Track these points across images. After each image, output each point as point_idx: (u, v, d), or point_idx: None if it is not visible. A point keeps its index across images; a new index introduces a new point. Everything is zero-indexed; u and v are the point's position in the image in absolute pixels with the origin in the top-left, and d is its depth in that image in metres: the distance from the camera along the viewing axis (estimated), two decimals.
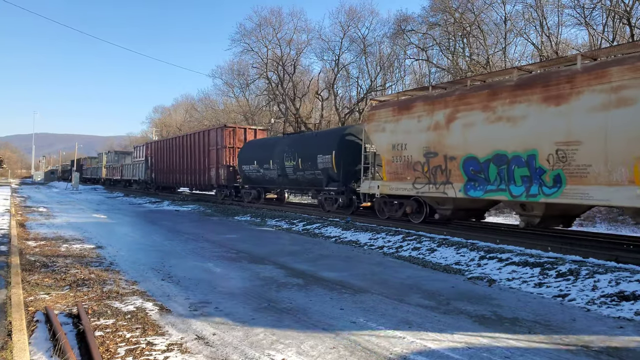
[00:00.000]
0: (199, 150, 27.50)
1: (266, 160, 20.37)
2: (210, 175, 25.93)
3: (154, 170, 36.23)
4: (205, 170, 26.59)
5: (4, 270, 7.29)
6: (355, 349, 4.53)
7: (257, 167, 21.14)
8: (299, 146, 18.55)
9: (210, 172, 25.86)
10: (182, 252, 10.05)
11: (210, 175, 26.03)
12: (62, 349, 4.17)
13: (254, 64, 47.44)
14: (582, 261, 8.10)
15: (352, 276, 7.86)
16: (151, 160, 36.83)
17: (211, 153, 25.79)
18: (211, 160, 25.83)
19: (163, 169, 34.19)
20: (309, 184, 18.30)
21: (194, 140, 28.65)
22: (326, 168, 16.80)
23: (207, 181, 26.50)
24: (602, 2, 25.14)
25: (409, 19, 37.47)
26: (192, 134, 29.63)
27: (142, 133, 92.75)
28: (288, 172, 19.08)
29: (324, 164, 16.91)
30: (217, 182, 25.37)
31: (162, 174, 34.63)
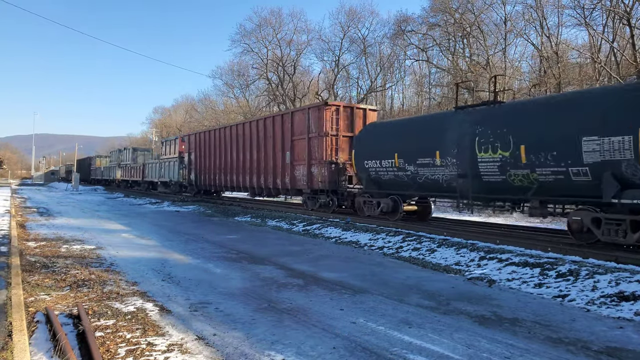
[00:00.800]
0: (272, 142, 20.35)
1: (425, 151, 12.93)
2: (295, 175, 18.89)
3: (196, 170, 28.65)
4: (285, 168, 19.52)
5: (4, 271, 7.30)
6: (355, 349, 4.53)
7: (399, 164, 13.74)
8: (519, 123, 10.69)
9: (295, 171, 18.82)
10: (183, 253, 10.05)
11: (294, 176, 18.96)
12: (63, 349, 4.18)
13: (254, 65, 47.54)
14: (582, 261, 8.10)
15: (352, 277, 7.87)
16: (190, 158, 29.38)
17: (297, 145, 18.69)
18: (297, 155, 18.65)
19: (209, 168, 26.93)
20: (543, 191, 10.40)
21: (265, 127, 21.11)
22: (611, 161, 8.91)
23: (289, 184, 19.20)
24: (602, 3, 25.16)
25: (409, 19, 37.56)
26: (260, 120, 22.08)
27: (142, 134, 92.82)
28: (486, 170, 11.30)
29: (602, 153, 9.01)
30: (310, 185, 17.81)
31: (207, 175, 27.32)
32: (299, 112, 18.89)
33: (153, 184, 38.34)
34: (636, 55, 23.35)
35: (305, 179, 18.08)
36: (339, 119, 17.23)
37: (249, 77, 50.49)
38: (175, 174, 31.84)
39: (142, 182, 40.40)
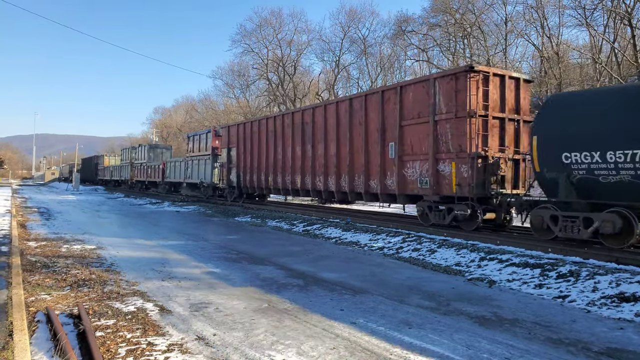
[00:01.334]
0: (364, 130, 15.03)
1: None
2: (405, 175, 13.60)
3: (239, 169, 23.16)
4: (387, 165, 14.26)
5: (5, 271, 7.31)
6: (355, 349, 4.53)
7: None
8: None
9: (405, 168, 13.57)
10: (183, 253, 10.05)
11: (403, 177, 13.67)
12: (63, 349, 4.18)
13: (254, 65, 47.57)
14: (583, 262, 8.10)
15: (352, 277, 7.87)
16: (230, 154, 23.93)
17: (409, 132, 13.45)
18: (409, 146, 13.47)
19: (258, 167, 21.50)
20: None
21: (350, 111, 15.70)
22: None
23: (395, 187, 13.93)
24: (603, 3, 25.16)
25: (409, 19, 37.56)
26: (342, 101, 16.40)
27: (142, 134, 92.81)
28: None
29: None
30: (436, 189, 12.58)
31: (254, 175, 21.85)
32: (415, 86, 13.34)
33: (175, 186, 33.53)
34: (637, 56, 23.35)
35: (428, 180, 12.75)
36: (488, 92, 11.97)
37: (250, 77, 50.57)
38: (208, 174, 26.46)
39: (162, 183, 34.96)
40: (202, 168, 27.60)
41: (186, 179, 30.09)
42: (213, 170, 26.05)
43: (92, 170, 63.44)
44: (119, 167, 49.52)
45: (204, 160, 27.37)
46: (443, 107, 12.30)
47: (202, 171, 27.61)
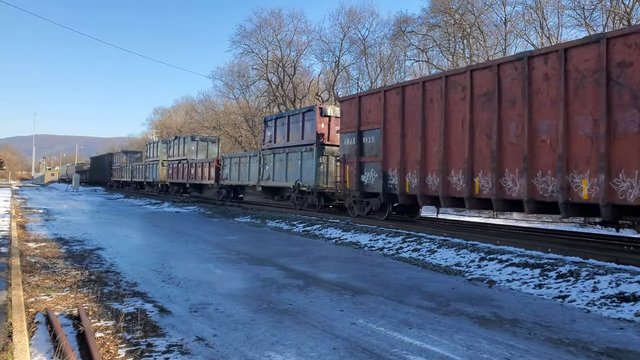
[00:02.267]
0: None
1: None
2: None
3: (390, 164, 14.07)
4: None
5: (4, 272, 7.30)
6: (355, 350, 4.53)
7: None
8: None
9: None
10: (183, 254, 10.05)
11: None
12: (63, 350, 4.17)
13: (254, 66, 47.56)
14: (582, 262, 8.10)
15: (352, 277, 7.87)
16: (367, 141, 15.02)
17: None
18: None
19: (440, 160, 12.23)
20: None
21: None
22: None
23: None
24: (602, 4, 25.18)
25: (409, 20, 37.54)
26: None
27: (142, 134, 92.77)
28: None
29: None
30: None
31: (429, 174, 12.68)
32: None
33: (237, 190, 26.33)
34: None
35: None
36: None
37: (249, 78, 50.54)
38: (309, 173, 18.38)
39: (216, 186, 27.09)
40: (296, 165, 19.27)
41: (263, 181, 21.84)
42: (318, 167, 17.97)
43: (104, 171, 55.99)
44: (142, 167, 41.23)
45: (300, 153, 19.00)
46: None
47: (295, 169, 19.30)
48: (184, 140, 33.93)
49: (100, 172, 57.53)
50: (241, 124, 50.90)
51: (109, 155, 57.47)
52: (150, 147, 41.59)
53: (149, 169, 39.14)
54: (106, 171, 55.30)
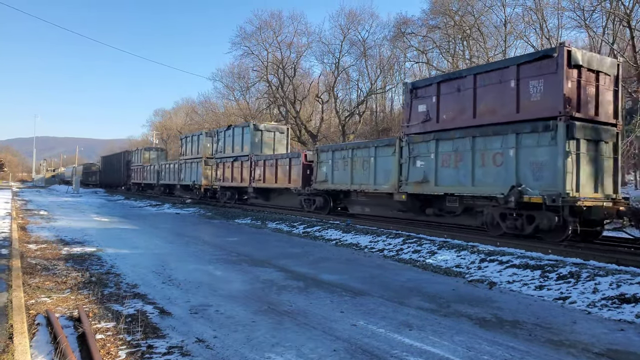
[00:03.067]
0: None
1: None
2: None
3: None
4: None
5: (5, 274, 7.30)
6: (355, 351, 4.53)
7: None
8: None
9: None
10: (183, 255, 10.05)
11: None
12: (63, 351, 4.18)
13: (254, 67, 47.59)
14: (583, 264, 8.10)
15: (353, 279, 7.86)
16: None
17: None
18: None
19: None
20: None
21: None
22: None
23: None
24: (602, 5, 25.20)
25: (408, 21, 37.62)
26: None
27: (142, 136, 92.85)
28: None
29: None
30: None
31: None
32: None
33: (337, 195, 18.11)
34: (636, 57, 23.37)
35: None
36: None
37: (249, 79, 50.58)
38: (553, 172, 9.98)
39: (303, 193, 18.95)
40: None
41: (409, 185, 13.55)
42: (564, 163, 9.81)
43: (119, 172, 48.47)
44: (174, 166, 32.56)
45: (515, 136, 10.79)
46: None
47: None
48: (242, 130, 24.62)
49: (114, 173, 50.44)
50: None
51: (125, 153, 48.89)
52: (189, 139, 31.60)
53: (186, 169, 30.49)
54: (122, 172, 47.68)
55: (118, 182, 49.44)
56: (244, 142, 24.53)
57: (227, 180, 25.47)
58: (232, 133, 25.66)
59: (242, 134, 24.65)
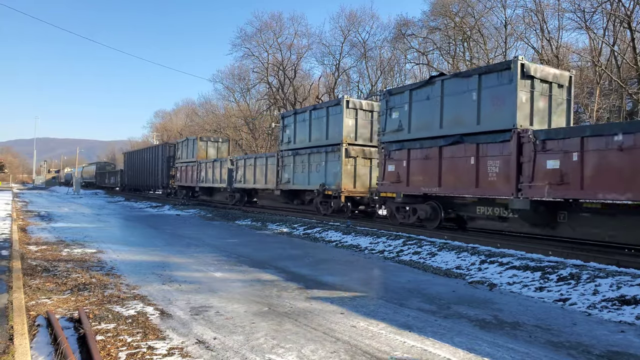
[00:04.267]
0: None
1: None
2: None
3: None
4: None
5: (5, 275, 7.31)
6: (355, 353, 4.53)
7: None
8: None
9: None
10: (183, 257, 10.05)
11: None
12: (64, 353, 4.18)
13: (254, 69, 47.65)
14: (583, 265, 8.10)
15: (353, 280, 7.86)
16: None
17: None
18: None
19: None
20: None
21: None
22: None
23: None
24: (603, 6, 25.22)
25: (409, 23, 37.66)
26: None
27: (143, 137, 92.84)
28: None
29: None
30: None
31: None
32: None
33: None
34: (637, 59, 23.39)
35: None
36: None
37: (250, 81, 50.68)
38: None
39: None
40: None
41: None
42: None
43: (153, 171, 37.76)
44: (281, 160, 20.51)
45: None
46: None
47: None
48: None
49: (146, 174, 39.63)
50: (242, 127, 50.96)
51: (164, 146, 36.82)
52: (298, 119, 19.89)
53: (306, 164, 18.83)
54: (159, 171, 36.47)
55: (152, 185, 38.70)
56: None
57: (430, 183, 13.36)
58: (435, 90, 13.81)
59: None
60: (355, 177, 17.10)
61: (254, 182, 22.91)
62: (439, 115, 12.95)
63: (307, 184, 18.68)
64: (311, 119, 18.88)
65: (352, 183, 17.05)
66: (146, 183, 40.44)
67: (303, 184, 19.04)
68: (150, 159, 39.34)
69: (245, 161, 24.00)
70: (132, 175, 44.85)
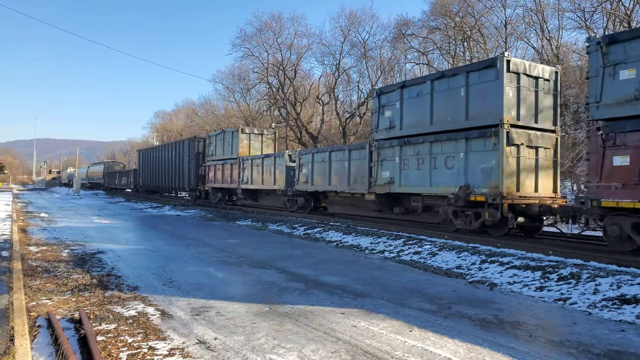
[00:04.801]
0: None
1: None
2: None
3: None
4: None
5: (6, 276, 7.31)
6: (356, 353, 4.53)
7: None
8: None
9: None
10: (184, 257, 10.06)
11: None
12: (64, 353, 4.18)
13: (254, 69, 47.60)
14: (584, 264, 8.10)
15: (353, 280, 7.87)
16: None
17: None
18: None
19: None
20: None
21: None
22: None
23: None
24: (603, 6, 25.22)
25: (409, 23, 37.62)
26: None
27: (143, 138, 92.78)
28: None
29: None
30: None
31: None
32: None
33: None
34: None
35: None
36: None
37: (250, 81, 50.63)
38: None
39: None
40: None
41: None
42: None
43: (177, 171, 32.20)
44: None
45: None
46: None
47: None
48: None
49: (167, 174, 34.02)
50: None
51: (191, 141, 30.39)
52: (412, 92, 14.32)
53: (419, 160, 13.80)
54: (185, 172, 30.75)
55: (175, 186, 33.35)
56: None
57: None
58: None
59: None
60: (519, 175, 11.74)
61: (328, 183, 17.71)
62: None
63: (426, 185, 13.29)
64: (433, 92, 13.21)
65: (516, 184, 11.71)
66: (167, 184, 34.25)
67: (419, 186, 13.58)
68: (172, 156, 33.05)
69: (313, 156, 18.66)
70: (148, 176, 38.85)
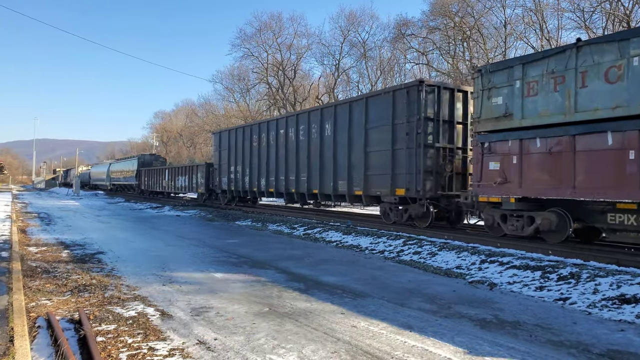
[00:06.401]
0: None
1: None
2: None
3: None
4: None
5: (5, 276, 7.31)
6: (356, 353, 4.53)
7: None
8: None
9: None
10: (184, 257, 10.06)
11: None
12: (64, 354, 4.18)
13: (254, 69, 47.66)
14: (583, 264, 8.10)
15: (353, 280, 7.86)
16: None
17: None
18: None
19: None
20: None
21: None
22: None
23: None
24: (602, 6, 25.24)
25: (409, 23, 37.66)
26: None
27: (143, 138, 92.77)
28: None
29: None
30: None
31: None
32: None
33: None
34: None
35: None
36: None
37: (249, 81, 50.70)
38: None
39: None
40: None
41: None
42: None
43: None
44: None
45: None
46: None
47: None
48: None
49: (334, 168, 17.39)
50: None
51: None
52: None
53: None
54: (405, 160, 13.50)
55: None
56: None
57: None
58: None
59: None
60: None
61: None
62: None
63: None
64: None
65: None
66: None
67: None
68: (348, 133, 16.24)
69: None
70: (251, 175, 22.38)
